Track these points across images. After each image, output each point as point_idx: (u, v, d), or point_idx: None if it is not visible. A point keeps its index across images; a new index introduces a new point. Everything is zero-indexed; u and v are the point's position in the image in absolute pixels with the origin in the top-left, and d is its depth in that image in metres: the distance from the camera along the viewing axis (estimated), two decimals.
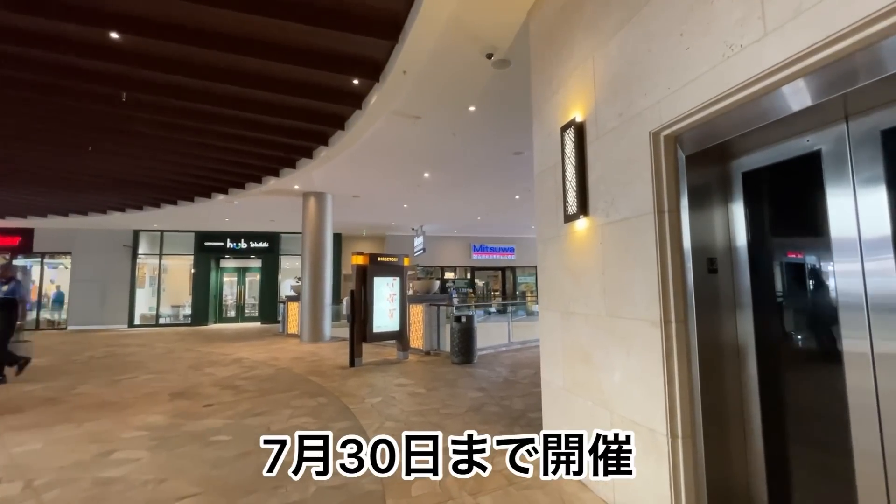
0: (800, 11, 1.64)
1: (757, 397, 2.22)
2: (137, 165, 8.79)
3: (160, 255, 16.82)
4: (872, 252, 1.71)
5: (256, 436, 4.04)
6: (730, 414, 2.28)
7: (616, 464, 2.26)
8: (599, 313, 2.81)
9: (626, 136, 2.59)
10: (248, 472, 3.28)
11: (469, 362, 7.55)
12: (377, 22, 4.40)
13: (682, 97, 2.18)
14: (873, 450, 1.70)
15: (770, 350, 2.21)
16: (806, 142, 1.97)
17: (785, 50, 1.69)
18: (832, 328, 1.88)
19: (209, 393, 5.74)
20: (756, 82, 1.84)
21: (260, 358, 8.61)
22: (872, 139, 1.72)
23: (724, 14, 1.96)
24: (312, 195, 11.39)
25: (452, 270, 20.62)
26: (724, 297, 2.32)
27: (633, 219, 2.50)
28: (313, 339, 10.96)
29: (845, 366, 1.79)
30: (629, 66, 2.58)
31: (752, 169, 2.27)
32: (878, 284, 1.69)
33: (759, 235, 2.28)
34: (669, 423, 2.23)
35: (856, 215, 1.76)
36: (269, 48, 4.76)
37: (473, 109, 6.29)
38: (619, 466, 2.27)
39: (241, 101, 5.99)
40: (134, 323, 16.17)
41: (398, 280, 8.37)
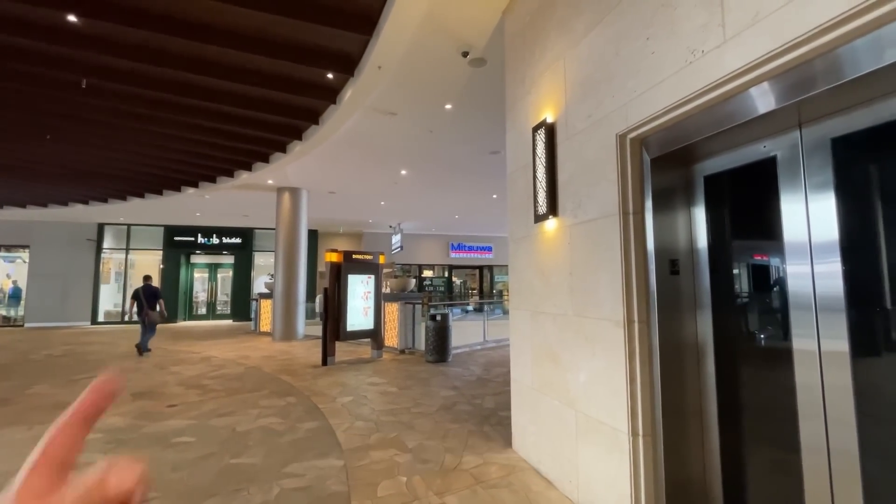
0: (757, 20, 1.68)
1: (714, 395, 2.27)
2: (101, 156, 8.42)
3: (127, 250, 16.18)
4: (821, 255, 1.77)
5: (221, 437, 3.94)
6: (689, 412, 2.34)
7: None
8: (567, 313, 2.83)
9: (594, 138, 2.62)
10: (210, 475, 3.18)
11: (443, 361, 7.54)
12: (351, 15, 4.32)
13: (648, 100, 2.21)
14: (819, 445, 1.76)
15: (727, 349, 2.27)
16: (763, 147, 2.03)
17: (744, 56, 1.73)
18: (785, 328, 1.94)
19: (174, 393, 5.56)
20: (717, 87, 1.88)
21: (229, 356, 8.39)
22: (823, 146, 1.78)
23: (687, 20, 2.00)
24: (287, 190, 11.17)
25: (430, 269, 20.58)
26: (685, 298, 2.38)
27: (600, 220, 2.53)
28: (286, 338, 10.76)
29: (795, 364, 1.85)
30: (598, 69, 2.60)
31: (713, 173, 2.32)
32: (825, 286, 1.75)
33: (719, 238, 2.34)
34: (631, 422, 2.27)
35: (807, 220, 1.82)
36: (240, 39, 4.62)
37: (450, 107, 6.27)
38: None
39: (212, 92, 5.80)
40: (98, 320, 15.52)
41: (373, 278, 8.29)
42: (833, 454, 1.73)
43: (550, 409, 2.98)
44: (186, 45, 4.69)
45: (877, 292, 1.73)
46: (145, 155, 8.42)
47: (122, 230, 16.10)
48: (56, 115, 6.51)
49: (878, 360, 1.74)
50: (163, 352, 9.03)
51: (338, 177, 10.10)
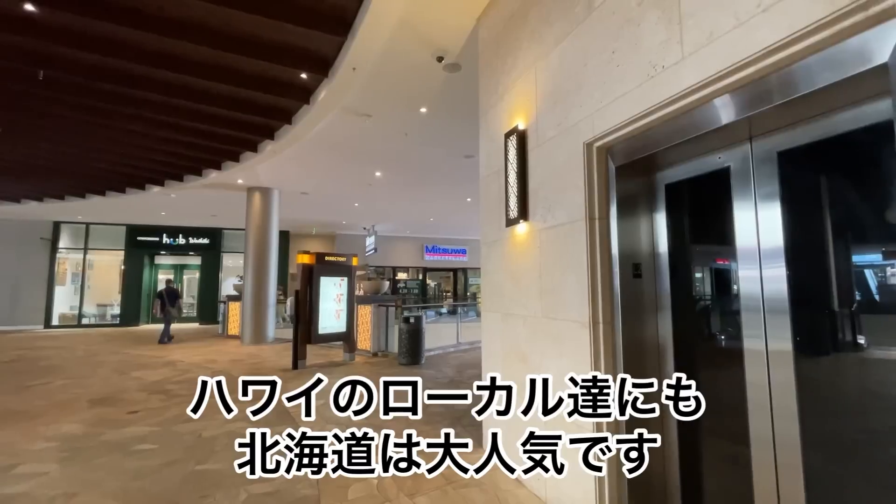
0: (712, 39, 1.79)
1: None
2: (58, 151, 8.02)
3: (85, 250, 15.42)
4: (768, 260, 1.90)
5: (185, 444, 3.82)
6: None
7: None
8: (536, 315, 2.91)
9: (563, 146, 2.71)
10: (173, 482, 3.09)
11: (417, 363, 7.55)
12: (325, 16, 4.30)
13: (613, 111, 2.31)
14: (766, 437, 1.88)
15: (686, 349, 2.39)
16: (718, 159, 2.16)
17: (700, 73, 1.84)
18: (737, 329, 2.07)
19: (135, 399, 5.35)
20: (675, 101, 1.98)
21: (195, 360, 8.13)
22: (771, 159, 1.92)
23: (650, 36, 2.10)
24: (257, 190, 10.93)
25: (405, 271, 20.52)
26: (647, 300, 2.49)
27: (568, 224, 2.62)
28: (255, 341, 10.50)
29: (745, 362, 1.98)
30: (567, 79, 2.69)
31: (673, 181, 2.44)
32: (772, 290, 1.88)
33: (678, 243, 2.46)
34: (595, 422, 2.35)
35: (756, 227, 1.95)
36: (212, 35, 4.51)
37: (425, 111, 6.30)
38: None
39: (180, 89, 5.63)
40: (52, 324, 14.71)
41: (346, 280, 8.21)
42: (778, 447, 1.85)
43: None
44: (156, 39, 4.55)
45: (819, 295, 1.87)
46: (108, 151, 8.08)
47: (81, 229, 15.34)
48: (8, 107, 6.18)
49: (820, 359, 1.88)
50: (123, 356, 8.67)
51: (311, 177, 9.97)
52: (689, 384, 1.90)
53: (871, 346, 1.74)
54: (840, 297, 1.84)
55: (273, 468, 1.99)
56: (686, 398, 1.89)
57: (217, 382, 2.22)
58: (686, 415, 1.88)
